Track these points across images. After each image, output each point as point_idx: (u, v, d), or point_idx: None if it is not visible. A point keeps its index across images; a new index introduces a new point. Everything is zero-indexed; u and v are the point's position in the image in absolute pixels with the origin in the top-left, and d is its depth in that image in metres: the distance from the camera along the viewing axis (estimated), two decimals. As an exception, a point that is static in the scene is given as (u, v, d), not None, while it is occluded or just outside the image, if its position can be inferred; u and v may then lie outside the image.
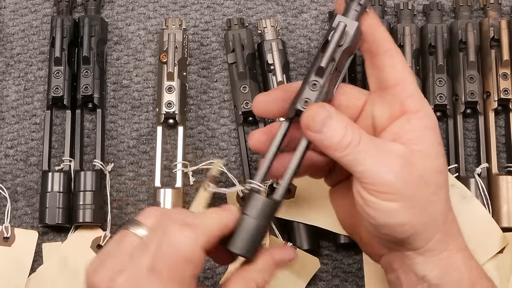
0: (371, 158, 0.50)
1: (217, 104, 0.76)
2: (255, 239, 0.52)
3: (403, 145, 0.51)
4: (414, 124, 0.52)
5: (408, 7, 0.76)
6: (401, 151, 0.51)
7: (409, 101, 0.52)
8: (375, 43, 0.53)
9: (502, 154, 0.73)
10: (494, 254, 0.68)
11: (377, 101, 0.54)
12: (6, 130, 0.75)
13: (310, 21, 0.78)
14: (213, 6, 0.79)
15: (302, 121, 0.51)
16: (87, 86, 0.74)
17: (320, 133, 0.51)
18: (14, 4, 0.79)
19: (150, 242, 0.50)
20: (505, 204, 0.70)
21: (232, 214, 0.52)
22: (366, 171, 0.50)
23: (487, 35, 0.74)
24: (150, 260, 0.49)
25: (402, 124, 0.52)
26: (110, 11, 0.79)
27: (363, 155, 0.50)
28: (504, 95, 0.72)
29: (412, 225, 0.51)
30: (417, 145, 0.51)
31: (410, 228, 0.51)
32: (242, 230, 0.52)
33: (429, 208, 0.51)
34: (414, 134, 0.52)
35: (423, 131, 0.52)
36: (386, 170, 0.50)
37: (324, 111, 0.51)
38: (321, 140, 0.51)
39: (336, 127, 0.50)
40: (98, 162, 0.73)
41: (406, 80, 0.53)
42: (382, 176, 0.50)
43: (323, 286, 0.71)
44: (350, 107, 0.55)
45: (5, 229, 0.71)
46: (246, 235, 0.52)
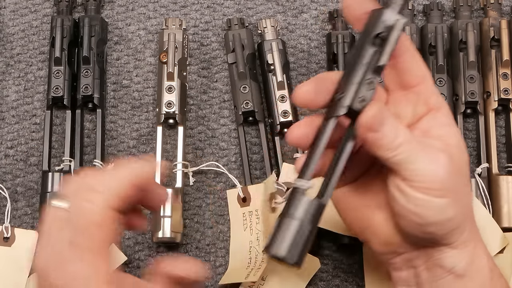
0: (421, 156, 0.51)
1: (217, 104, 0.76)
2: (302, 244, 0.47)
3: (440, 140, 0.52)
4: (442, 120, 0.53)
5: (408, 7, 0.76)
6: (441, 146, 0.52)
7: (433, 99, 0.53)
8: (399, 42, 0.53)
9: (502, 154, 0.73)
10: (494, 254, 0.68)
11: (400, 100, 0.54)
12: (6, 130, 0.75)
13: (310, 21, 0.78)
14: (213, 6, 0.79)
15: (363, 120, 0.50)
16: (87, 86, 0.74)
17: (377, 133, 0.50)
18: (14, 4, 0.79)
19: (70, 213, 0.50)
20: (505, 204, 0.70)
21: (147, 163, 0.51)
22: (418, 169, 0.50)
23: (487, 35, 0.74)
24: (69, 232, 0.49)
25: (430, 121, 0.53)
26: (110, 11, 0.79)
27: (414, 154, 0.51)
28: (504, 95, 0.72)
29: (458, 218, 0.52)
30: (450, 139, 0.53)
31: (456, 222, 0.52)
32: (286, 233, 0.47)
33: (465, 198, 0.53)
34: (444, 130, 0.53)
35: (451, 126, 0.53)
36: (437, 167, 0.51)
37: (383, 111, 0.51)
38: (377, 139, 0.50)
39: (390, 128, 0.50)
40: (98, 162, 0.73)
41: (427, 78, 0.54)
42: (434, 173, 0.51)
43: (323, 286, 0.71)
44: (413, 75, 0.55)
45: (5, 229, 0.71)
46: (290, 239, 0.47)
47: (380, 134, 0.50)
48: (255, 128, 0.75)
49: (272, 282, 0.68)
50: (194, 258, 0.59)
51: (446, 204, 0.51)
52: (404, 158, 0.50)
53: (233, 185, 0.72)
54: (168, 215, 0.69)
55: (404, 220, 0.52)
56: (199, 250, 0.72)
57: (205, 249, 0.72)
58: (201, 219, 0.73)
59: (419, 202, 0.51)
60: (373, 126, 0.50)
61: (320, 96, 0.52)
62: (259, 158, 0.74)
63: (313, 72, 0.76)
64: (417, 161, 0.50)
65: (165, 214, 0.69)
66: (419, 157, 0.51)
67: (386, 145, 0.50)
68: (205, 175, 0.74)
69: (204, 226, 0.72)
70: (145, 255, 0.72)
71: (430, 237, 0.53)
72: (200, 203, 0.73)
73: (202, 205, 0.73)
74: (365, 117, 0.50)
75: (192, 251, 0.72)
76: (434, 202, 0.51)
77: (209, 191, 0.73)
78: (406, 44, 0.53)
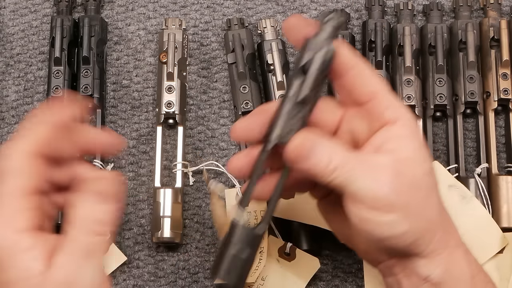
0: (360, 176, 0.50)
1: (217, 104, 0.76)
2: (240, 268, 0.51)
3: (388, 155, 0.51)
4: (395, 133, 0.52)
5: (408, 7, 0.76)
6: (388, 162, 0.51)
7: (386, 113, 0.52)
8: (340, 64, 0.52)
9: (502, 154, 0.73)
10: (494, 254, 0.68)
11: (354, 116, 0.54)
12: (6, 130, 0.75)
13: (310, 21, 0.78)
14: (213, 6, 0.79)
15: (287, 155, 0.51)
16: (87, 86, 0.74)
17: (307, 163, 0.50)
18: (14, 4, 0.79)
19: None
20: (505, 204, 0.70)
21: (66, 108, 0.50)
22: (359, 190, 0.50)
23: (487, 35, 0.74)
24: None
25: (383, 135, 0.52)
26: (110, 11, 0.79)
27: (352, 175, 0.50)
28: (504, 95, 0.72)
29: (413, 231, 0.51)
30: (401, 153, 0.51)
31: (412, 235, 0.51)
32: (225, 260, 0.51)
33: (425, 211, 0.52)
34: (396, 143, 0.51)
35: (405, 138, 0.52)
36: (378, 185, 0.50)
37: (308, 141, 0.50)
38: (309, 169, 0.50)
39: (321, 154, 0.50)
40: (98, 162, 0.72)
41: (379, 93, 0.52)
42: (375, 192, 0.50)
43: (323, 286, 0.71)
44: (327, 123, 0.54)
45: (5, 229, 0.71)
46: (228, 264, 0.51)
47: (311, 162, 0.50)
48: (255, 128, 0.75)
49: (272, 282, 0.68)
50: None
51: (394, 220, 0.50)
52: (343, 181, 0.50)
53: (232, 185, 0.72)
54: (168, 215, 0.69)
55: (362, 236, 0.53)
56: (199, 250, 0.72)
57: (205, 249, 0.72)
58: (201, 219, 0.73)
59: (366, 220, 0.51)
60: (302, 156, 0.50)
61: (255, 131, 0.53)
62: (259, 158, 0.74)
63: (313, 72, 0.76)
64: (357, 182, 0.50)
65: (165, 214, 0.69)
66: (359, 177, 0.50)
67: (320, 172, 0.50)
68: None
69: (204, 226, 0.72)
70: (145, 255, 0.72)
71: (391, 249, 0.53)
72: (200, 203, 0.73)
73: (202, 205, 0.73)
74: (290, 148, 0.50)
75: (192, 251, 0.72)
76: (381, 219, 0.50)
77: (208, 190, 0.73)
78: (351, 62, 0.52)
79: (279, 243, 0.69)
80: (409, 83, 0.73)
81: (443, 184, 0.69)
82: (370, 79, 0.53)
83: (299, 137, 0.51)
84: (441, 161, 0.72)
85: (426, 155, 0.52)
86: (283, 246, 0.69)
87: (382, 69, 0.73)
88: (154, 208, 0.71)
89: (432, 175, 0.53)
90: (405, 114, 0.52)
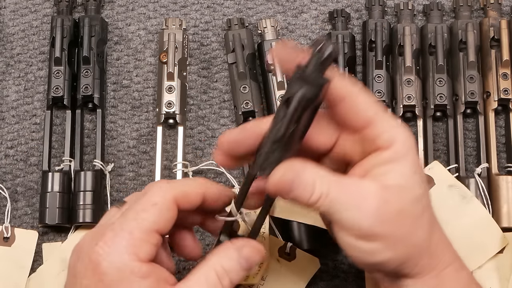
0: (344, 205, 0.49)
1: (217, 104, 0.76)
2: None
3: (376, 181, 0.50)
4: (386, 158, 0.50)
5: (408, 7, 0.76)
6: (374, 189, 0.50)
7: (381, 139, 0.51)
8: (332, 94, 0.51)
9: (502, 154, 0.73)
10: (494, 254, 0.68)
11: (348, 139, 0.53)
12: (6, 130, 0.75)
13: (310, 21, 0.78)
14: (213, 6, 0.79)
15: (270, 188, 0.50)
16: (87, 86, 0.74)
17: (290, 195, 0.50)
18: (14, 4, 0.79)
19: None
20: (505, 204, 0.70)
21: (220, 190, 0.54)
22: (342, 219, 0.50)
23: (487, 35, 0.74)
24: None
25: (374, 159, 0.51)
26: (110, 11, 0.79)
27: (336, 204, 0.49)
28: (504, 95, 0.72)
29: (397, 258, 0.51)
30: (389, 179, 0.50)
31: (396, 262, 0.51)
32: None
33: (411, 238, 0.51)
34: (386, 169, 0.50)
35: (396, 164, 0.50)
36: (362, 215, 0.49)
37: (290, 173, 0.50)
38: (292, 199, 0.50)
39: (305, 184, 0.49)
40: (98, 162, 0.73)
41: (374, 119, 0.51)
42: (358, 222, 0.49)
43: (323, 286, 0.71)
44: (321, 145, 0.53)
45: (5, 229, 0.71)
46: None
47: (294, 194, 0.50)
48: (255, 128, 0.75)
49: (272, 282, 0.68)
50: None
51: (377, 249, 0.50)
52: (328, 209, 0.50)
53: (232, 185, 0.72)
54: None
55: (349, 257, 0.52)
56: (199, 250, 0.72)
57: (205, 249, 0.72)
58: (201, 219, 0.73)
59: (351, 246, 0.51)
60: (284, 189, 0.50)
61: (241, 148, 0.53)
62: (259, 158, 0.74)
63: (313, 72, 0.76)
64: (340, 210, 0.49)
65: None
66: (343, 206, 0.49)
67: (304, 202, 0.50)
68: (204, 175, 0.74)
69: (204, 226, 0.72)
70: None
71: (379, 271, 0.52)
72: (200, 203, 0.73)
73: (202, 205, 0.73)
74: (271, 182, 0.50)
75: (192, 251, 0.72)
76: (365, 247, 0.50)
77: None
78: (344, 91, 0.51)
79: (279, 243, 0.69)
80: (409, 83, 0.73)
81: (443, 184, 0.70)
82: (364, 107, 0.51)
83: (280, 171, 0.50)
84: (441, 161, 0.72)
85: (418, 180, 0.51)
86: (283, 246, 0.69)
87: (382, 69, 0.73)
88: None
89: (421, 201, 0.51)
90: (401, 137, 0.51)
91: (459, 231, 0.68)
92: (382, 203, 0.49)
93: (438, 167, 0.70)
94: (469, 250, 0.68)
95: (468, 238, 0.68)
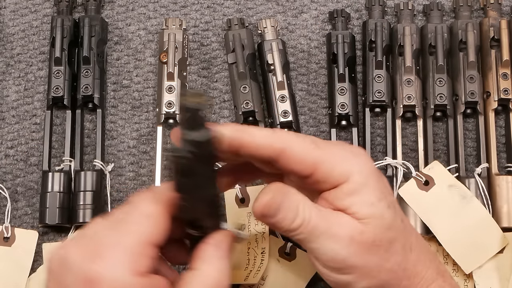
0: (322, 235, 0.49)
1: (217, 104, 0.76)
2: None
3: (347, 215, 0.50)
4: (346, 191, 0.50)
5: (408, 7, 0.76)
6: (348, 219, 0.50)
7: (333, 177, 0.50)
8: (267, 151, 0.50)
9: (502, 154, 0.73)
10: (494, 254, 0.68)
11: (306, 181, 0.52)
12: (6, 130, 0.75)
13: (310, 21, 0.78)
14: (213, 6, 0.79)
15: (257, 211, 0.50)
16: (87, 86, 0.74)
17: (272, 220, 0.50)
18: (14, 4, 0.79)
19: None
20: (505, 204, 0.70)
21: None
22: (319, 249, 0.50)
23: (487, 35, 0.74)
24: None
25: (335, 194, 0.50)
26: (110, 11, 0.79)
27: (314, 234, 0.49)
28: (504, 95, 0.72)
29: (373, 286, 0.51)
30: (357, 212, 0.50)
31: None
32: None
33: (385, 265, 0.51)
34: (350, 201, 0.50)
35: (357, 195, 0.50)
36: (338, 247, 0.49)
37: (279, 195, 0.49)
38: (274, 224, 0.50)
39: (289, 208, 0.49)
40: (98, 162, 0.73)
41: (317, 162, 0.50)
42: (334, 254, 0.50)
43: (323, 286, 0.71)
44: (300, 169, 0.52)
45: (5, 229, 0.71)
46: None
47: (278, 217, 0.50)
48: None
49: (272, 282, 0.68)
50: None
51: (352, 280, 0.50)
52: (305, 238, 0.50)
53: (233, 185, 0.72)
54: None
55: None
56: (199, 250, 0.72)
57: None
58: (201, 219, 0.72)
59: (327, 275, 0.51)
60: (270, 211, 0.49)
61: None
62: (259, 158, 0.74)
63: (313, 72, 0.76)
64: (317, 241, 0.50)
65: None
66: (320, 236, 0.49)
67: (284, 228, 0.50)
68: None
69: (204, 226, 0.72)
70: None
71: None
72: (200, 203, 0.73)
73: (202, 205, 0.73)
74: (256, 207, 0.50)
75: (192, 251, 0.72)
76: (340, 278, 0.50)
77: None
78: (278, 144, 0.50)
79: (279, 243, 0.69)
80: (409, 83, 0.73)
81: (443, 184, 0.70)
82: (303, 155, 0.50)
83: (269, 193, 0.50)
84: (441, 161, 0.72)
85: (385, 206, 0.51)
86: (283, 246, 0.69)
87: (382, 69, 0.73)
88: (154, 208, 0.71)
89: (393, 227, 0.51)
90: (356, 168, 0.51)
91: (459, 231, 0.68)
92: (358, 234, 0.50)
93: (438, 167, 0.70)
94: (469, 250, 0.68)
95: (468, 238, 0.68)
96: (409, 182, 0.70)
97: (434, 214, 0.69)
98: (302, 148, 0.51)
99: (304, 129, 0.75)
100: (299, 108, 0.75)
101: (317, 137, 0.74)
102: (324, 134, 0.75)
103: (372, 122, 0.74)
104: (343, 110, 0.72)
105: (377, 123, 0.75)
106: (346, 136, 0.74)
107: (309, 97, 0.76)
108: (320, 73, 0.76)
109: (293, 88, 0.75)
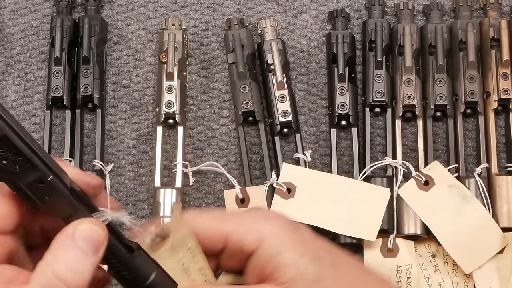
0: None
1: (217, 104, 0.76)
2: None
3: (272, 282, 0.47)
4: (263, 256, 0.47)
5: (408, 7, 0.76)
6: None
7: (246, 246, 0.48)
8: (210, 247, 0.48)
9: (502, 154, 0.73)
10: (494, 254, 0.68)
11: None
12: (6, 130, 0.75)
13: (310, 21, 0.78)
14: (213, 6, 0.79)
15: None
16: (87, 86, 0.74)
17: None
18: (14, 4, 0.79)
19: None
20: (505, 204, 0.70)
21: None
22: None
23: (487, 35, 0.74)
24: None
25: (255, 262, 0.48)
26: (110, 11, 0.79)
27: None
28: (504, 95, 0.72)
29: None
30: (281, 277, 0.47)
31: None
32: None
33: None
34: (271, 267, 0.47)
35: (275, 258, 0.47)
36: None
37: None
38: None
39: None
40: (98, 162, 0.72)
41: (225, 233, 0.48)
42: None
43: None
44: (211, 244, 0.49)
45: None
46: None
47: None
48: (255, 128, 0.75)
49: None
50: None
51: None
52: None
53: (232, 185, 0.72)
54: (168, 215, 0.69)
55: None
56: (199, 250, 0.72)
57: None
58: (201, 219, 0.72)
59: None
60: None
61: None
62: (259, 158, 0.74)
63: (312, 72, 0.76)
64: None
65: (165, 214, 0.69)
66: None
67: None
68: (204, 175, 0.74)
69: (204, 226, 0.72)
70: (145, 255, 0.71)
71: None
72: (200, 203, 0.73)
73: (202, 205, 0.73)
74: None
75: (192, 251, 0.72)
76: None
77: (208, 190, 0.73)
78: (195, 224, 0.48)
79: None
80: (409, 83, 0.73)
81: (443, 184, 0.70)
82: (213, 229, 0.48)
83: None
84: (441, 161, 0.72)
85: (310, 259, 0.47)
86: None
87: (382, 69, 0.73)
88: (154, 208, 0.71)
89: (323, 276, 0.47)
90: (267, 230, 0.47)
91: (459, 231, 0.68)
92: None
93: (438, 167, 0.70)
94: (469, 250, 0.68)
95: (468, 238, 0.68)
96: (409, 182, 0.70)
97: (434, 214, 0.69)
98: (208, 223, 0.49)
99: (304, 129, 0.75)
100: (299, 108, 0.75)
101: (317, 137, 0.74)
102: (324, 134, 0.75)
103: (372, 122, 0.74)
104: (343, 110, 0.72)
105: (377, 123, 0.75)
106: (346, 136, 0.74)
107: (309, 97, 0.76)
108: (320, 73, 0.76)
109: (293, 88, 0.75)
